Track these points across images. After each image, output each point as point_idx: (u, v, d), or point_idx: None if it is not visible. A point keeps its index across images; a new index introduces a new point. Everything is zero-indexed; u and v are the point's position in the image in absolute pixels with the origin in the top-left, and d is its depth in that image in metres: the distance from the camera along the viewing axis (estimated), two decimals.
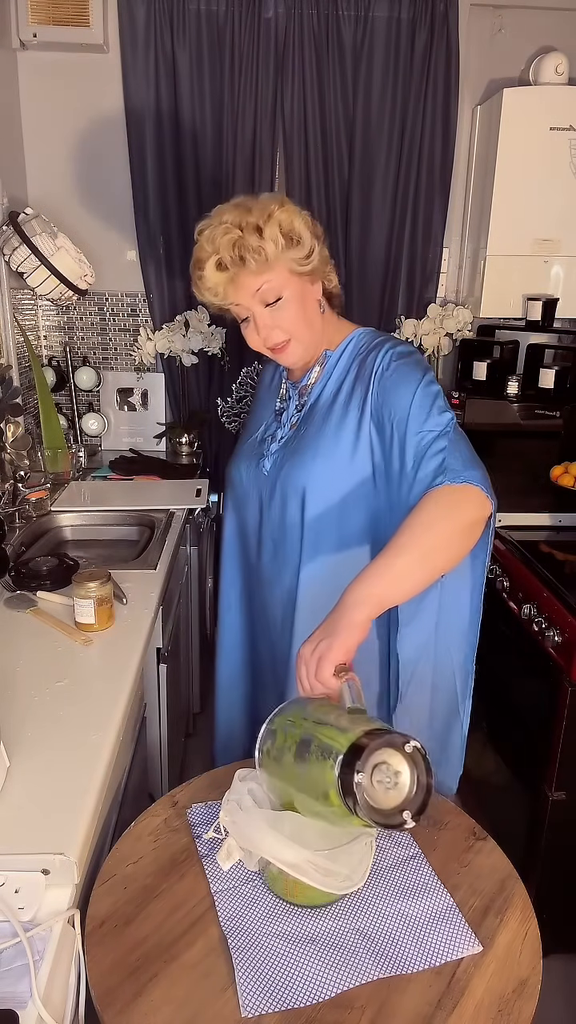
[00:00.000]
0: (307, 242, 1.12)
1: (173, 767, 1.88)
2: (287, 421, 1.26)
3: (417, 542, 0.98)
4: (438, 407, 1.09)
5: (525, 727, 1.75)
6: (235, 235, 1.07)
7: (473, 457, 1.08)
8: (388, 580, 0.96)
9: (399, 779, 0.75)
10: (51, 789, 0.96)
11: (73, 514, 2.12)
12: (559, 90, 2.33)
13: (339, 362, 1.21)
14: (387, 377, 1.13)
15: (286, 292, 1.13)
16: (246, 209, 1.10)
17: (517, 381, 2.49)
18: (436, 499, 1.02)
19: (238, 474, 1.32)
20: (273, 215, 1.09)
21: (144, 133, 2.45)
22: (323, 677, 0.90)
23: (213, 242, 1.09)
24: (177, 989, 0.78)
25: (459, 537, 1.02)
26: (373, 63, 2.41)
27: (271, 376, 1.38)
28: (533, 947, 0.84)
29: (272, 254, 1.09)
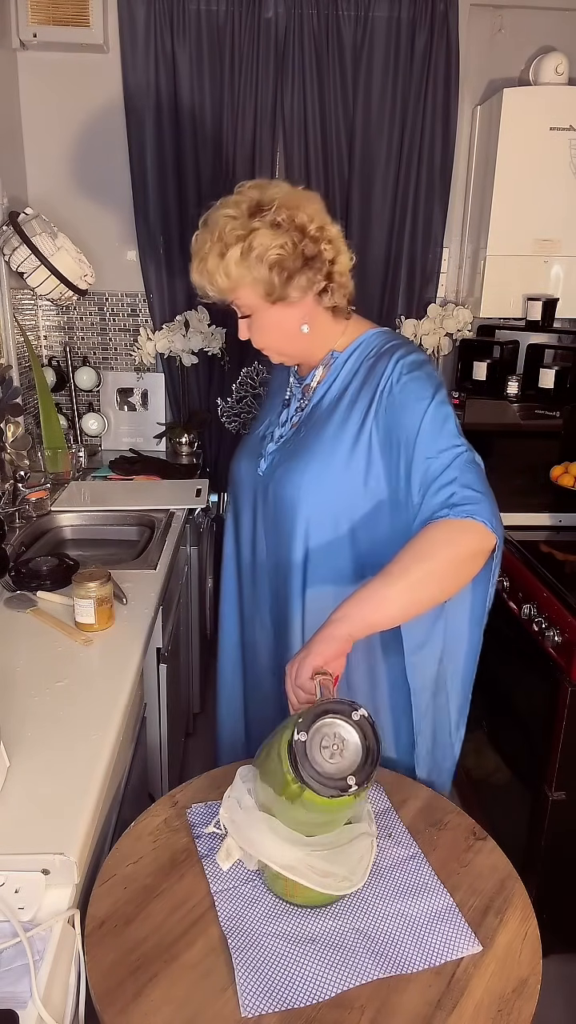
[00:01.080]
0: (263, 279, 1.07)
1: (173, 767, 1.88)
2: (287, 420, 1.23)
3: (409, 572, 0.97)
4: (448, 431, 1.05)
5: (525, 727, 1.75)
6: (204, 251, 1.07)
7: (483, 487, 1.05)
8: (373, 604, 0.97)
9: (346, 746, 0.76)
10: (51, 789, 0.96)
11: (73, 514, 2.12)
12: (559, 90, 2.33)
13: (346, 365, 1.17)
14: (396, 394, 1.08)
15: (253, 313, 1.12)
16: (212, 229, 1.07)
17: (517, 381, 2.49)
18: (438, 529, 1.00)
19: (238, 471, 1.30)
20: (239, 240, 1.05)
21: (144, 133, 2.45)
22: (301, 680, 0.93)
23: (195, 241, 1.09)
24: (177, 989, 0.78)
25: (454, 570, 1.00)
26: (373, 63, 2.41)
27: (283, 369, 1.32)
28: (533, 947, 0.84)
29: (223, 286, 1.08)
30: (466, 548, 1.00)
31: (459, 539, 1.00)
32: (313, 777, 0.74)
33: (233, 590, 1.39)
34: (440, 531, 1.00)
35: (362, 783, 0.75)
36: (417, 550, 0.99)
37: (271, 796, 0.83)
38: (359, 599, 0.98)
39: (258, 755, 0.90)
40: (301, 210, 1.07)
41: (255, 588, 1.31)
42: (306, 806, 0.77)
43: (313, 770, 0.74)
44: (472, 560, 1.02)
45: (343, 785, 0.74)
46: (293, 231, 1.06)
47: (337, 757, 0.76)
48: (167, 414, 2.80)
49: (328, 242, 1.11)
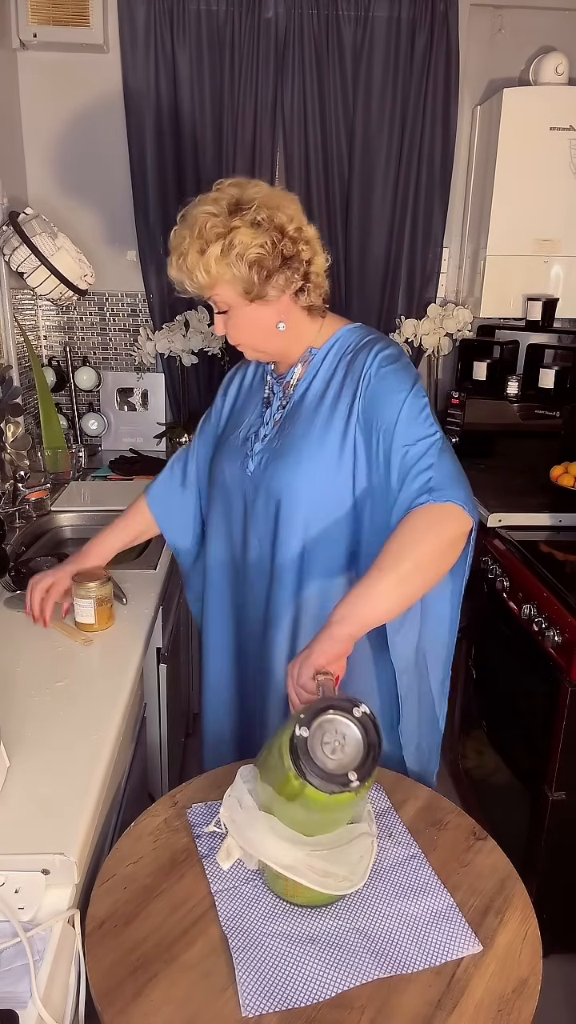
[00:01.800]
0: (242, 277, 1.08)
1: (173, 767, 1.88)
2: (270, 419, 1.24)
3: (399, 564, 1.00)
4: (426, 419, 1.09)
5: (525, 727, 1.75)
6: (183, 247, 1.09)
7: (458, 472, 1.08)
8: (369, 601, 0.99)
9: (347, 741, 0.77)
10: (51, 789, 0.96)
11: (73, 514, 2.12)
12: (559, 90, 2.33)
13: (324, 361, 1.19)
14: (375, 384, 1.11)
15: (231, 310, 1.13)
16: (191, 225, 1.08)
17: (517, 381, 2.49)
18: (419, 518, 1.03)
19: (222, 474, 1.29)
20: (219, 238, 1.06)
21: (144, 133, 2.45)
22: (303, 680, 0.94)
23: (173, 240, 1.11)
24: (177, 989, 0.78)
25: (440, 556, 1.03)
26: (373, 63, 2.41)
27: (255, 371, 1.34)
28: (533, 947, 0.84)
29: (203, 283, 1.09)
30: (447, 534, 1.03)
31: (440, 525, 1.03)
32: (315, 773, 0.74)
33: (225, 593, 1.37)
34: (421, 519, 1.03)
35: (363, 779, 0.75)
36: (403, 541, 1.02)
37: (271, 795, 0.83)
38: (356, 598, 0.99)
39: (260, 755, 0.90)
40: (280, 210, 1.09)
41: (245, 588, 1.30)
42: (307, 804, 0.77)
43: (315, 765, 0.74)
44: (453, 546, 1.05)
45: (344, 780, 0.74)
46: (273, 231, 1.08)
47: (339, 753, 0.76)
48: (167, 414, 2.80)
49: (306, 243, 1.13)
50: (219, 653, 1.40)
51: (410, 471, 1.05)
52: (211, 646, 1.41)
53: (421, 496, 1.04)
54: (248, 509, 1.24)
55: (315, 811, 0.79)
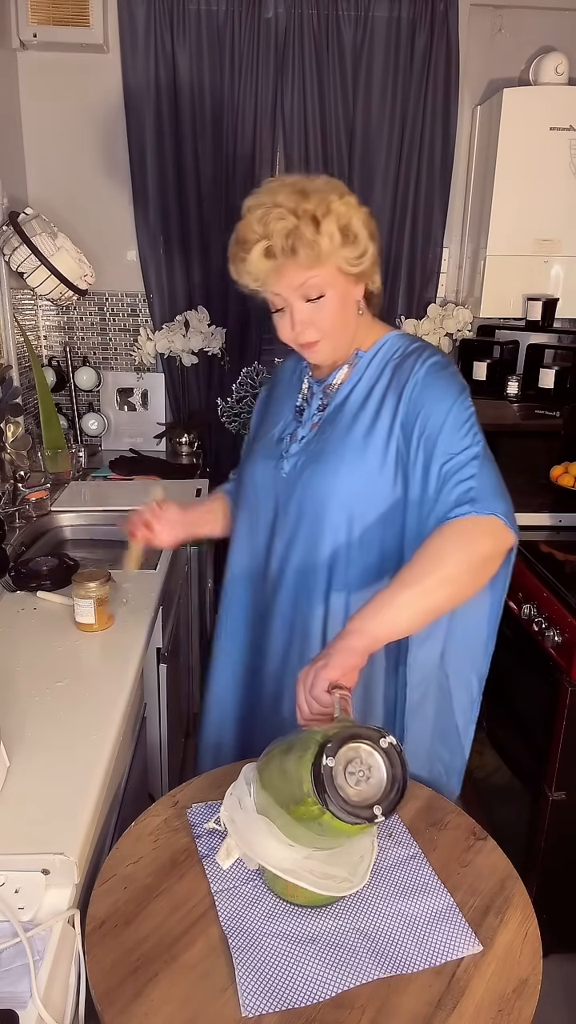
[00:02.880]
0: (362, 241, 1.05)
1: (173, 767, 1.88)
2: (307, 420, 1.19)
3: (424, 577, 0.96)
4: (470, 429, 1.05)
5: (525, 727, 1.75)
6: (290, 223, 0.99)
7: (500, 485, 1.04)
8: (388, 614, 0.95)
9: (372, 773, 0.75)
10: (51, 789, 0.96)
11: (73, 514, 2.12)
12: (559, 90, 2.33)
13: (371, 364, 1.15)
14: (421, 391, 1.07)
15: (330, 291, 1.06)
16: (303, 194, 1.01)
17: (517, 381, 2.49)
18: (453, 530, 0.99)
19: (253, 475, 1.23)
20: (332, 207, 1.01)
21: (144, 133, 2.45)
22: (317, 692, 0.91)
23: (265, 225, 1.00)
24: (177, 989, 0.78)
25: (471, 573, 0.99)
26: (373, 63, 2.41)
27: (292, 370, 1.29)
28: (533, 947, 0.84)
29: (326, 250, 1.01)
30: (482, 550, 0.99)
31: (475, 540, 0.98)
32: (340, 805, 0.72)
33: (243, 604, 1.30)
34: (455, 532, 0.99)
35: (388, 813, 0.73)
36: (432, 554, 0.98)
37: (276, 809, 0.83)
38: (375, 610, 0.96)
39: (262, 762, 0.89)
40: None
41: (267, 595, 1.24)
42: (322, 829, 0.76)
43: (340, 798, 0.72)
44: (488, 562, 1.01)
45: (370, 815, 0.72)
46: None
47: (363, 784, 0.74)
48: (167, 414, 2.80)
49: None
50: (229, 667, 1.33)
51: (450, 480, 1.02)
52: (222, 659, 1.34)
53: (461, 507, 1.00)
54: (279, 513, 1.18)
55: (328, 835, 0.78)
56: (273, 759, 0.86)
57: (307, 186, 1.02)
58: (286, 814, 0.80)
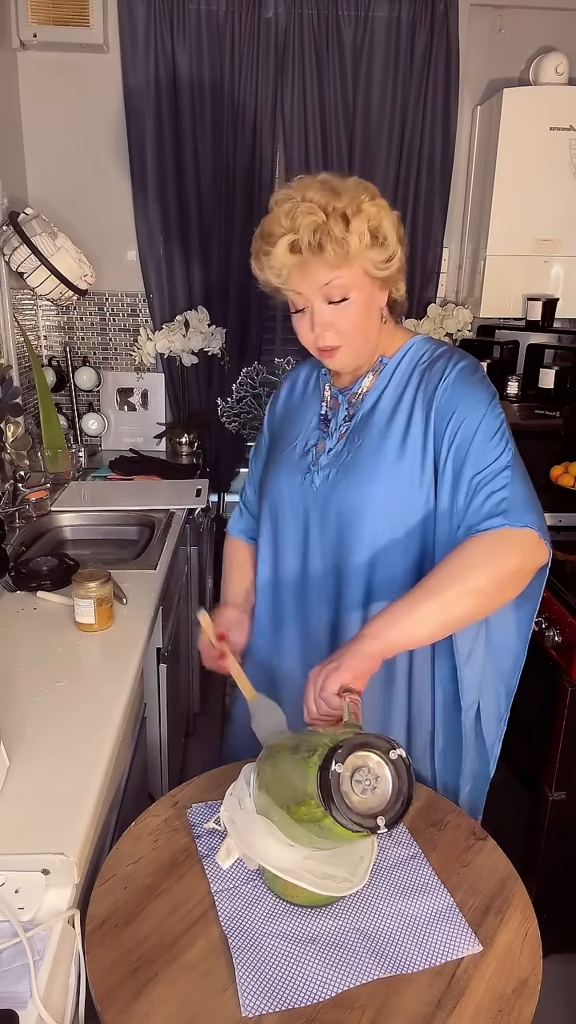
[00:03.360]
0: (391, 245, 1.03)
1: (173, 767, 1.88)
2: (335, 431, 1.14)
3: (447, 588, 0.94)
4: (502, 437, 1.02)
5: (525, 727, 1.75)
6: (319, 218, 0.96)
7: (532, 497, 1.01)
8: (406, 623, 0.94)
9: (379, 784, 0.74)
10: (51, 789, 0.96)
11: (73, 514, 2.12)
12: (559, 90, 2.33)
13: (397, 370, 1.11)
14: (452, 395, 1.04)
15: (354, 293, 1.02)
16: (334, 192, 0.98)
17: (517, 381, 2.49)
18: (483, 543, 0.96)
19: (279, 491, 1.17)
20: (363, 207, 0.98)
21: (144, 133, 2.45)
22: (327, 694, 0.90)
23: (293, 219, 0.97)
24: (177, 989, 0.78)
25: (496, 587, 0.96)
26: (373, 63, 2.41)
27: (307, 378, 1.25)
28: (533, 947, 0.84)
29: (355, 249, 0.98)
30: (510, 565, 0.96)
31: (504, 555, 0.96)
32: (344, 813, 0.72)
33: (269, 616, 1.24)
34: (485, 544, 0.97)
35: (391, 825, 0.73)
36: (458, 564, 0.96)
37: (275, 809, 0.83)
38: (394, 617, 0.94)
39: (264, 755, 0.89)
40: None
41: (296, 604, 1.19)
42: (323, 832, 0.76)
43: (345, 805, 0.72)
44: (515, 577, 0.98)
45: (373, 825, 0.72)
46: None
47: (368, 793, 0.74)
48: (167, 414, 2.80)
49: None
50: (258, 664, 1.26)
51: (481, 491, 0.99)
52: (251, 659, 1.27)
53: (494, 518, 0.97)
54: (310, 525, 1.14)
55: (327, 838, 0.78)
56: (277, 754, 0.85)
57: (338, 185, 1.00)
58: (285, 812, 0.80)
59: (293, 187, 1.01)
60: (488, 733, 1.17)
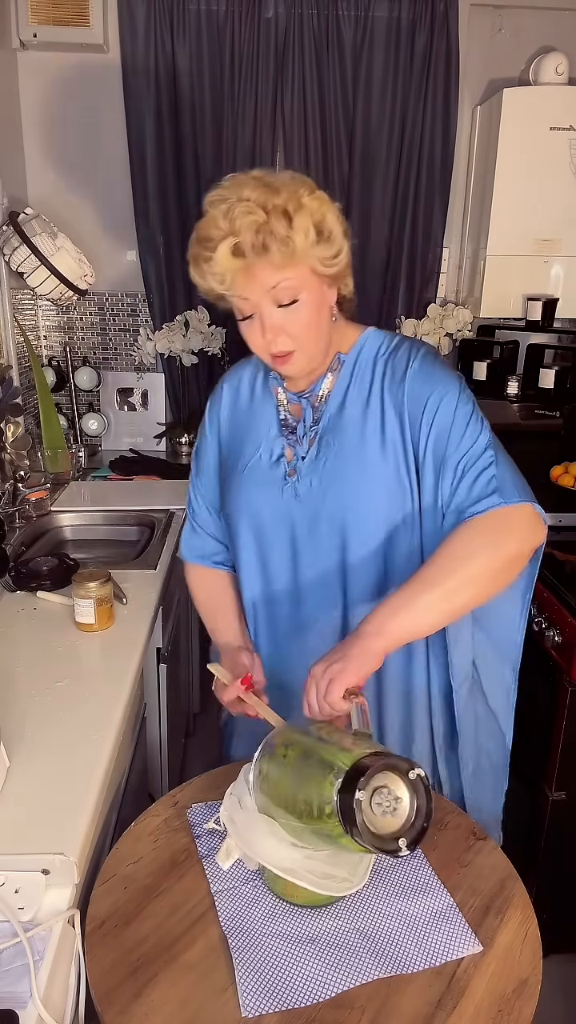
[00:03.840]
0: (337, 239, 0.98)
1: (173, 767, 1.88)
2: (303, 437, 1.09)
3: (447, 577, 0.92)
4: (479, 418, 1.01)
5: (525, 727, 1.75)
6: (259, 217, 0.91)
7: (518, 473, 1.00)
8: (408, 616, 0.92)
9: (399, 805, 0.74)
10: (51, 789, 0.96)
11: (73, 514, 2.12)
12: (559, 90, 2.33)
13: (356, 365, 1.08)
14: (423, 384, 1.02)
15: (304, 295, 0.97)
16: (271, 188, 0.93)
17: (517, 381, 2.49)
18: (479, 528, 0.95)
19: (252, 503, 1.12)
20: (303, 201, 0.94)
21: (144, 133, 2.45)
22: (332, 699, 0.88)
23: (231, 220, 0.92)
24: (177, 989, 0.78)
25: (496, 573, 0.95)
26: (373, 63, 2.41)
27: (251, 381, 1.17)
28: (533, 947, 0.84)
29: (301, 247, 0.93)
30: (510, 550, 0.95)
31: (504, 539, 0.95)
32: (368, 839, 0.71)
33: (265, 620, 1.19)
34: (483, 528, 0.95)
35: (412, 847, 0.73)
36: (457, 551, 0.94)
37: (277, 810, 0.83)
38: (395, 611, 0.92)
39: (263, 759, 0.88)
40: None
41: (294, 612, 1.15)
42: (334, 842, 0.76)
43: (368, 831, 0.71)
44: (515, 562, 0.97)
45: (395, 847, 0.72)
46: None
47: (388, 815, 0.73)
48: (167, 414, 2.80)
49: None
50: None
51: (468, 474, 0.98)
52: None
53: (488, 498, 0.96)
54: (297, 534, 1.09)
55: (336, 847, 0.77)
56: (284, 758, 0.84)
57: (273, 180, 0.95)
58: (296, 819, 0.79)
59: (225, 186, 0.96)
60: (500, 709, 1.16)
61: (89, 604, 1.36)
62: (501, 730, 1.18)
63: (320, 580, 1.11)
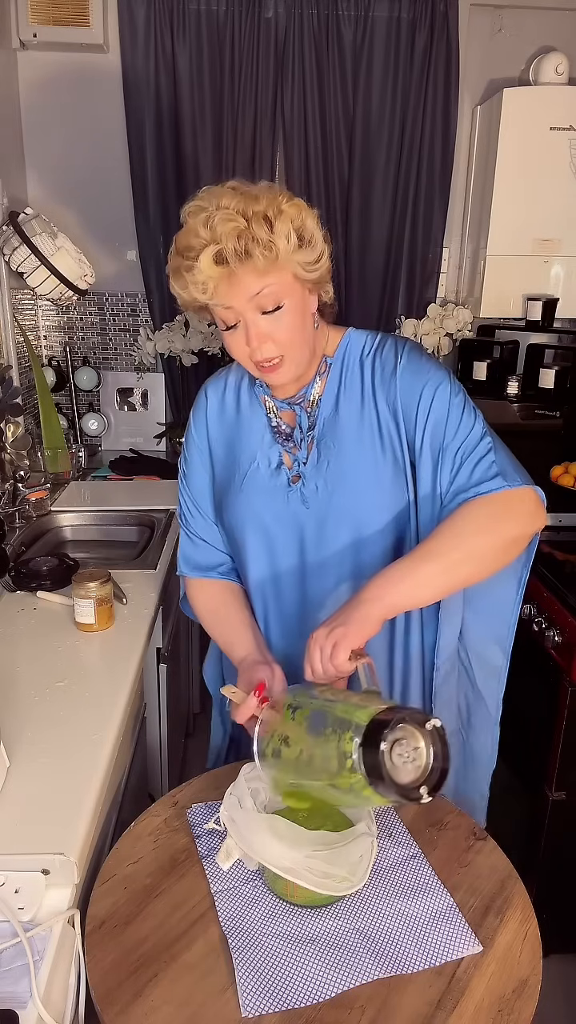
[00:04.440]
0: (318, 244, 0.98)
1: (173, 767, 1.88)
2: (302, 442, 1.10)
3: (448, 551, 0.94)
4: (472, 407, 1.03)
5: (525, 727, 1.75)
6: (240, 224, 0.91)
7: (516, 461, 1.02)
8: (409, 585, 0.94)
9: (417, 755, 0.76)
10: (51, 789, 0.96)
11: (73, 514, 2.12)
12: (559, 90, 2.33)
13: (344, 366, 1.09)
14: (413, 378, 1.03)
15: (287, 301, 0.97)
16: (249, 196, 0.94)
17: (517, 381, 2.49)
18: (482, 508, 0.97)
19: (256, 511, 1.11)
20: (283, 207, 0.94)
21: (144, 133, 2.45)
22: (339, 662, 0.90)
23: (212, 228, 0.92)
24: (177, 989, 0.78)
25: (497, 552, 0.98)
26: (373, 63, 2.41)
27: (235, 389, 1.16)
28: (533, 947, 0.84)
29: (283, 251, 0.93)
30: (511, 531, 0.97)
31: (506, 519, 0.97)
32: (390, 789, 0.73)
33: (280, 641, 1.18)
34: (487, 507, 0.97)
35: (432, 794, 0.75)
36: (460, 527, 0.96)
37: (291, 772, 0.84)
38: (396, 580, 0.94)
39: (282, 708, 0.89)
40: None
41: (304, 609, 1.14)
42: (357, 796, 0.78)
43: (392, 781, 0.73)
44: (516, 543, 0.99)
45: (417, 796, 0.74)
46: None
47: (408, 765, 0.76)
48: (167, 414, 2.80)
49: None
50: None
51: (467, 460, 1.00)
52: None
53: (491, 480, 0.98)
54: (306, 538, 1.10)
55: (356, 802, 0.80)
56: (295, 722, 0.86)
57: (251, 189, 0.96)
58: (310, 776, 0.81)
59: (202, 197, 0.96)
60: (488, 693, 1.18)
61: (89, 604, 1.36)
62: (491, 714, 1.20)
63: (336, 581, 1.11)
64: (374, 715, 0.76)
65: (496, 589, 1.12)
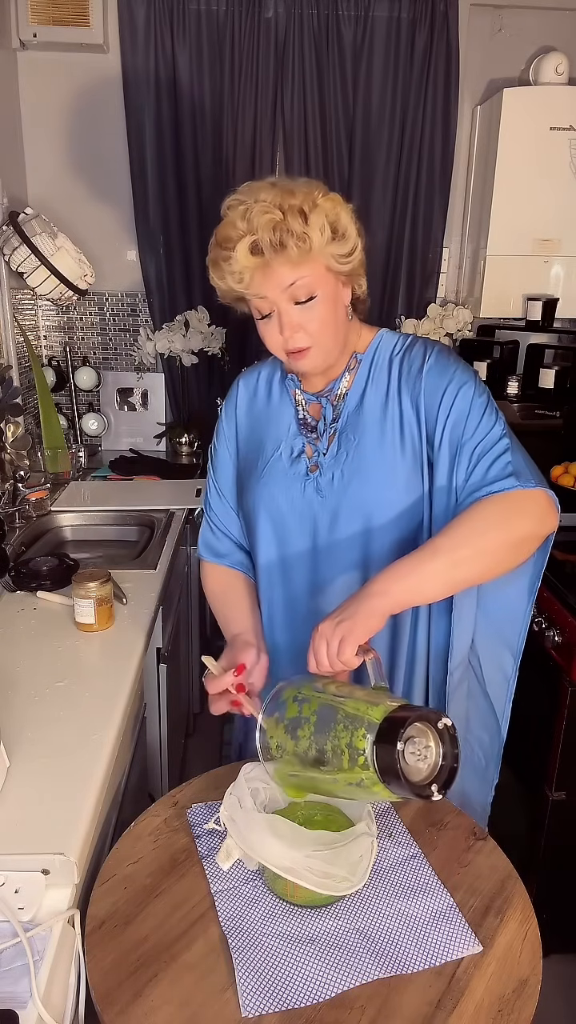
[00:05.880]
0: (352, 238, 1.02)
1: (173, 767, 1.88)
2: (324, 434, 1.12)
3: (457, 547, 0.94)
4: (494, 408, 1.04)
5: (525, 727, 1.75)
6: (275, 216, 0.94)
7: (533, 463, 1.02)
8: (416, 580, 0.93)
9: (428, 753, 0.77)
10: (51, 789, 0.96)
11: (73, 514, 2.12)
12: (559, 90, 2.33)
13: (374, 364, 1.11)
14: (439, 377, 1.05)
15: (320, 291, 1.00)
16: (287, 191, 0.97)
17: (517, 381, 2.49)
18: (494, 505, 0.97)
19: (273, 499, 1.13)
20: (318, 201, 0.97)
21: (144, 133, 2.45)
22: (346, 656, 0.90)
23: (249, 221, 0.96)
24: (177, 989, 0.78)
25: (507, 550, 0.97)
26: (373, 63, 2.41)
27: (268, 381, 1.20)
28: (533, 947, 0.84)
29: (316, 244, 0.96)
30: (523, 529, 0.97)
31: (518, 517, 0.97)
32: (406, 787, 0.74)
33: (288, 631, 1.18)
34: (499, 505, 0.97)
35: (443, 791, 0.76)
36: (470, 526, 0.96)
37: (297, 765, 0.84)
38: (404, 574, 0.94)
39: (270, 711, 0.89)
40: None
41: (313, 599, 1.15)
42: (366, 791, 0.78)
43: (406, 779, 0.74)
44: (526, 542, 0.99)
45: (428, 793, 0.75)
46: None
47: (420, 763, 0.77)
48: (167, 414, 2.80)
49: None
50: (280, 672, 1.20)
51: (484, 458, 1.01)
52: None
53: (505, 479, 0.98)
54: (319, 528, 1.11)
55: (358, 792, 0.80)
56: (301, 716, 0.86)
57: (289, 184, 0.99)
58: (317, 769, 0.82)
59: (241, 191, 1.00)
60: (496, 697, 1.17)
61: (89, 604, 1.36)
62: (497, 720, 1.20)
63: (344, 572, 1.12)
64: (387, 713, 0.77)
65: (508, 594, 1.12)
